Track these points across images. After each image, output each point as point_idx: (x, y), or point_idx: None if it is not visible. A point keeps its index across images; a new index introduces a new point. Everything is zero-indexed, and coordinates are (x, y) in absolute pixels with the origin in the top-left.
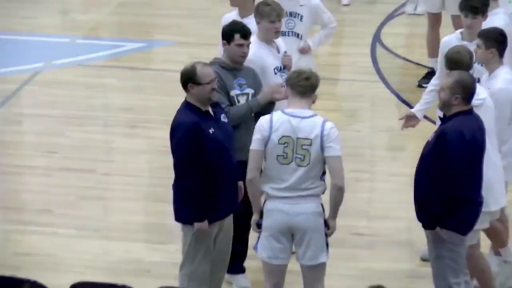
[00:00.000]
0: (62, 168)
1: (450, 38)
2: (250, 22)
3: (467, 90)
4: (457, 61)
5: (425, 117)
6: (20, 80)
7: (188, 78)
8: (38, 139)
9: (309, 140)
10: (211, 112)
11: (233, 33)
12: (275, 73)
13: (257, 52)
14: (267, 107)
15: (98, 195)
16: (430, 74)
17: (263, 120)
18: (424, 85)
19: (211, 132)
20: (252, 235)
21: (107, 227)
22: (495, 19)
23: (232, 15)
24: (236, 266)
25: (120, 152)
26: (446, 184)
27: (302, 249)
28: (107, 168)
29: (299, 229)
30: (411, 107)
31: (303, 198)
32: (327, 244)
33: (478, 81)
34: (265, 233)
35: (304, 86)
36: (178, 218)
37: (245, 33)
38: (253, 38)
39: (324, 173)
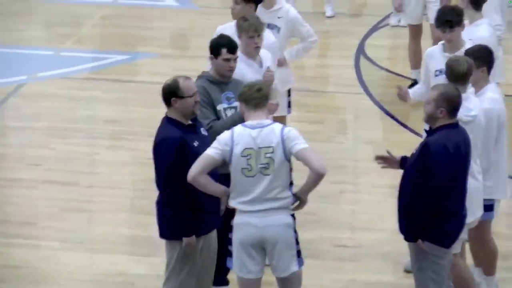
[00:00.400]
0: (46, 180)
1: (433, 50)
2: None
3: (452, 103)
4: (452, 70)
5: (409, 129)
6: (5, 92)
7: (171, 92)
8: (22, 151)
9: (271, 147)
10: (192, 126)
11: (220, 47)
12: None
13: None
14: None
15: (82, 207)
16: (414, 85)
17: (225, 134)
18: None
19: (195, 145)
20: None
21: (91, 240)
22: (478, 30)
23: (226, 26)
24: (220, 278)
25: (104, 164)
26: (431, 197)
27: (274, 261)
28: (91, 180)
29: (269, 242)
30: (395, 119)
31: (271, 211)
32: (298, 252)
33: None
34: (236, 248)
35: (257, 98)
36: (163, 234)
37: (232, 47)
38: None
39: (291, 183)
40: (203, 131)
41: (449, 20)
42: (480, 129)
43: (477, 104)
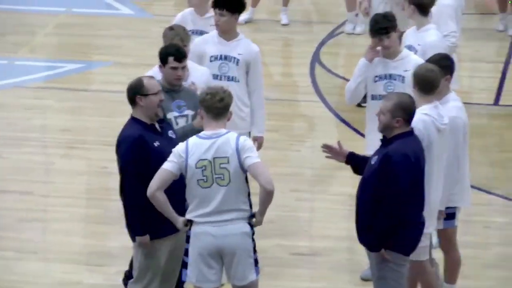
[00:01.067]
0: (1, 190)
1: None
2: (238, 44)
3: (408, 112)
4: (425, 79)
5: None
6: None
7: (136, 91)
8: None
9: (226, 158)
10: (158, 128)
11: (167, 56)
12: None
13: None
14: None
15: (37, 217)
16: None
17: (180, 147)
18: (363, 104)
19: (156, 145)
20: None
21: (46, 249)
22: (427, 35)
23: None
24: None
25: (59, 174)
26: (392, 205)
27: (231, 270)
28: (45, 189)
29: (227, 251)
30: (351, 127)
31: (229, 221)
32: (256, 261)
33: None
34: (194, 257)
35: (218, 108)
36: (131, 236)
37: (179, 56)
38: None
39: (249, 194)
40: (171, 134)
41: (384, 27)
42: (447, 137)
43: (445, 112)
